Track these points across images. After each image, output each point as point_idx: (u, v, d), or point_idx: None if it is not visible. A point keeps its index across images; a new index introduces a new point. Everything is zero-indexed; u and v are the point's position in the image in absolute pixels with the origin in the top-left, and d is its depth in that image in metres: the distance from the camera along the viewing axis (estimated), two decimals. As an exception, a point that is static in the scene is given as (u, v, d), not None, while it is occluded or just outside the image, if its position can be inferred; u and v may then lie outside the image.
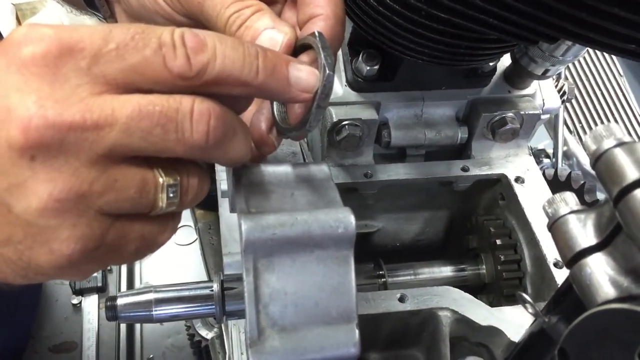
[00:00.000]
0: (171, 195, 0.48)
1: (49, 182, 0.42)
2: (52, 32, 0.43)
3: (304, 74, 0.51)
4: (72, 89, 0.42)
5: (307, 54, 0.54)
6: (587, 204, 0.93)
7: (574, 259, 0.41)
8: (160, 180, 0.47)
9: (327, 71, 0.50)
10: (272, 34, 0.54)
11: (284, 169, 0.58)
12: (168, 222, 0.52)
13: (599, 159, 0.39)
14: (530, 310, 0.48)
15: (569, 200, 0.43)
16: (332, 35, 0.56)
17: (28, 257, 0.45)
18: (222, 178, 0.84)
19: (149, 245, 0.51)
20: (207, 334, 1.33)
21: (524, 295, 0.48)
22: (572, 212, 0.43)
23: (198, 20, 0.58)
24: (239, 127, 0.50)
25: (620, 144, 0.38)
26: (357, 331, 0.50)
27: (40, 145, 0.41)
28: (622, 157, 0.38)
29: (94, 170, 0.43)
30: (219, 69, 0.46)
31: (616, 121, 1.76)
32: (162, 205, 0.48)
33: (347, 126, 0.80)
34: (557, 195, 0.44)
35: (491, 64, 0.83)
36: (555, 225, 0.43)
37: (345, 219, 0.50)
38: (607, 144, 0.38)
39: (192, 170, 0.50)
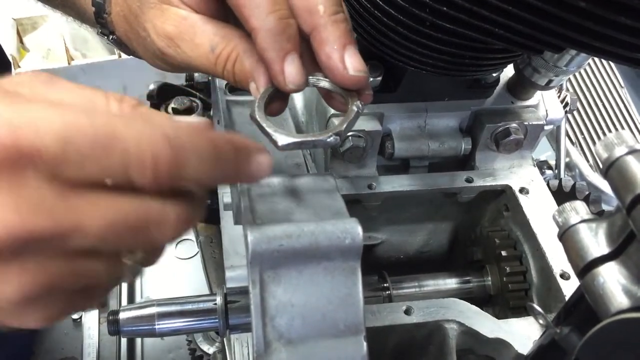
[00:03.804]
0: (136, 270, 0.50)
1: (15, 281, 0.41)
2: (7, 132, 0.38)
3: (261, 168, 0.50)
4: (33, 193, 0.39)
5: None
6: (592, 215, 0.92)
7: (585, 268, 0.41)
8: (128, 262, 0.48)
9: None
10: None
11: (290, 181, 0.57)
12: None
13: (611, 166, 0.38)
14: (541, 321, 0.47)
15: (579, 209, 0.43)
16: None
17: None
18: (225, 191, 0.84)
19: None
20: (208, 348, 1.32)
21: (535, 306, 0.47)
22: (583, 221, 0.42)
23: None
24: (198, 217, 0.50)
25: (633, 151, 0.37)
26: (365, 344, 0.50)
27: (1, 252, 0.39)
28: (634, 165, 0.37)
29: (60, 265, 0.42)
30: (186, 180, 0.44)
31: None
32: (124, 278, 0.49)
33: (350, 137, 0.79)
34: (567, 204, 0.43)
35: (494, 74, 0.83)
36: (566, 235, 0.43)
37: (352, 230, 0.50)
38: (619, 151, 0.38)
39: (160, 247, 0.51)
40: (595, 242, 0.41)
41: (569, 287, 0.73)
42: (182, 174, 0.43)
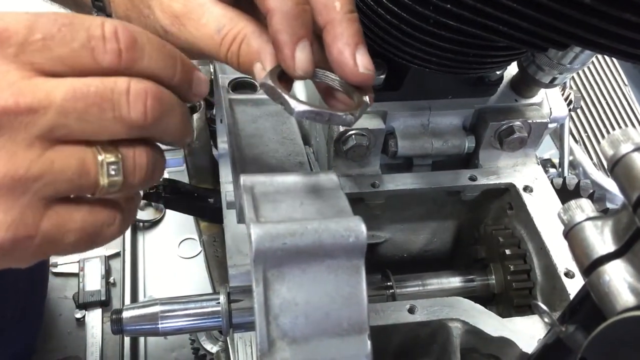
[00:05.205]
0: (112, 172, 0.47)
1: None
2: None
3: (202, 83, 0.55)
4: (1, 74, 0.43)
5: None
6: (596, 213, 0.92)
7: (591, 266, 0.40)
8: (100, 157, 0.46)
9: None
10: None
11: (293, 179, 0.57)
12: (115, 212, 0.50)
13: (617, 163, 0.38)
14: (546, 319, 0.47)
15: (585, 207, 0.43)
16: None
17: None
18: (228, 189, 0.84)
19: (92, 238, 0.49)
20: (212, 347, 1.32)
21: (540, 304, 0.47)
22: (588, 218, 0.42)
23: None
24: (177, 105, 0.51)
25: (639, 148, 0.37)
26: (369, 342, 0.49)
27: None
28: (641, 162, 0.37)
29: (30, 153, 0.43)
30: (145, 67, 0.48)
31: (621, 131, 1.75)
32: (103, 183, 0.47)
33: (353, 136, 0.79)
34: (573, 202, 0.43)
35: (498, 72, 0.83)
36: (572, 233, 0.42)
37: (356, 228, 0.49)
38: (625, 148, 0.38)
39: (140, 148, 0.49)
40: (601, 239, 0.41)
41: (573, 285, 0.73)
42: (141, 58, 0.47)
